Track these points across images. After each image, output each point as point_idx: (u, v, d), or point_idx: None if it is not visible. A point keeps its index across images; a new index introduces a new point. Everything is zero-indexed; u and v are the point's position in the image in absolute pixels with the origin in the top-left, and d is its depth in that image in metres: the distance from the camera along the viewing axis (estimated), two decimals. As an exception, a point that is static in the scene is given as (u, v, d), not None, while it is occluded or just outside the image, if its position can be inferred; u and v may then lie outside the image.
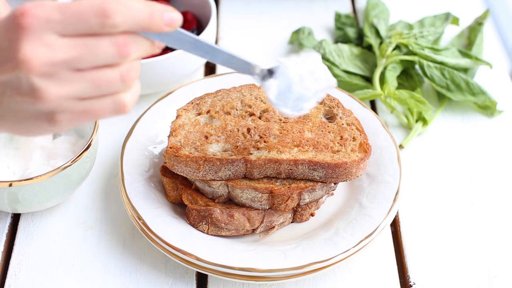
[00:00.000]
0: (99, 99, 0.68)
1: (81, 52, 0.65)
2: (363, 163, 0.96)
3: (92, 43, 0.65)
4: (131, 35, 0.67)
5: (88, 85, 0.67)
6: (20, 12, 0.64)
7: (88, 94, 0.67)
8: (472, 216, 1.06)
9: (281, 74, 0.81)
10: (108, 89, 0.68)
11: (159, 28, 0.68)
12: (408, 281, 0.97)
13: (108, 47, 0.66)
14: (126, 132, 1.14)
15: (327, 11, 1.44)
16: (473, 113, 1.22)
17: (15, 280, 0.96)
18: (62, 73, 0.65)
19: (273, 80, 0.81)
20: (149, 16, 0.66)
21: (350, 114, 1.03)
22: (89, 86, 0.67)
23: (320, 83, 0.82)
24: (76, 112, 0.68)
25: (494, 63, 1.30)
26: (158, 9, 0.67)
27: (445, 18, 1.33)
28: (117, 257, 0.99)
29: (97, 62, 0.66)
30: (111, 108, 0.69)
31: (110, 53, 0.66)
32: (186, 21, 1.25)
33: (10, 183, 0.92)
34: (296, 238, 0.98)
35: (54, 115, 0.68)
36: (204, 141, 0.97)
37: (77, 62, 0.65)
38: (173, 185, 1.00)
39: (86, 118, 0.69)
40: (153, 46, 0.70)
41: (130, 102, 0.70)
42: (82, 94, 0.67)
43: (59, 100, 0.66)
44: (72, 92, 0.66)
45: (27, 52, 0.63)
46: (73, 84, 0.66)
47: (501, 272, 0.98)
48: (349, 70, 1.24)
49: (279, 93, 0.81)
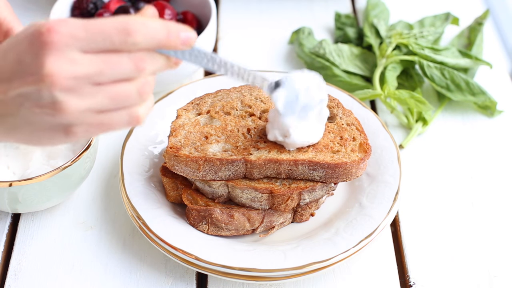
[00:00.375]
0: (116, 111, 0.71)
1: (102, 67, 0.68)
2: (363, 163, 0.96)
3: (113, 59, 0.68)
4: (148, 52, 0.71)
5: (106, 98, 0.70)
6: (46, 29, 0.66)
7: (106, 107, 0.70)
8: (472, 216, 1.06)
9: (288, 85, 0.88)
10: (125, 102, 0.71)
11: (175, 47, 0.71)
12: (408, 281, 0.97)
13: (127, 63, 0.69)
14: (126, 132, 1.14)
15: (327, 11, 1.44)
16: (473, 113, 1.22)
17: (15, 280, 0.96)
18: (83, 87, 0.68)
19: (281, 91, 0.88)
20: (166, 35, 0.70)
21: (350, 114, 1.03)
22: (107, 100, 0.70)
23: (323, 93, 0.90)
24: (93, 124, 0.71)
25: (494, 63, 1.30)
26: (175, 28, 0.71)
27: (445, 18, 1.33)
28: (117, 257, 0.99)
29: (116, 76, 0.69)
30: (126, 120, 0.72)
31: (129, 68, 0.69)
32: (186, 21, 1.25)
33: (10, 183, 0.92)
34: (296, 238, 0.98)
35: (72, 127, 0.70)
36: (204, 141, 0.97)
37: (97, 77, 0.68)
38: (173, 185, 1.00)
39: (101, 130, 0.72)
40: (169, 62, 0.73)
41: (144, 115, 0.73)
42: (101, 107, 0.70)
43: (78, 113, 0.69)
44: (92, 105, 0.69)
45: (51, 67, 0.66)
46: (93, 98, 0.69)
47: (501, 272, 0.98)
48: (349, 70, 1.24)
49: (286, 102, 0.88)
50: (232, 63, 0.79)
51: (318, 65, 1.24)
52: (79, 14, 1.24)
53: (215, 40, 1.27)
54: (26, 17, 1.40)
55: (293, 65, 1.32)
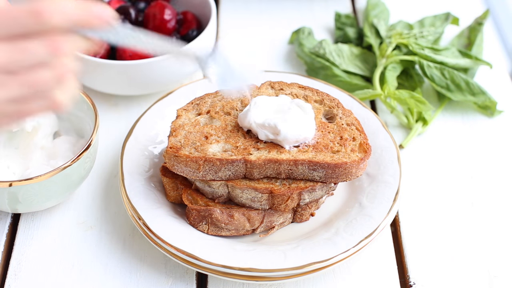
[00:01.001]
0: (33, 99, 0.68)
1: (13, 54, 0.65)
2: (363, 163, 0.96)
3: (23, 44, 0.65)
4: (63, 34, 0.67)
5: (22, 87, 0.67)
6: None
7: (22, 96, 0.67)
8: (472, 216, 1.06)
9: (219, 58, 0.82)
10: (42, 89, 0.68)
11: (92, 25, 0.68)
12: (408, 281, 0.97)
13: (39, 46, 0.66)
14: (126, 132, 1.14)
15: (327, 11, 1.44)
16: (473, 113, 1.22)
17: (15, 280, 0.96)
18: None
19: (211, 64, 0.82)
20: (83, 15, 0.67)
21: (350, 114, 1.03)
22: (24, 89, 0.67)
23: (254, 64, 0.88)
24: (11, 114, 0.69)
25: (494, 63, 1.30)
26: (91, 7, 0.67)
27: (445, 18, 1.33)
28: (117, 257, 0.99)
29: (29, 62, 0.66)
30: (46, 106, 0.69)
31: (42, 52, 0.66)
32: (186, 21, 1.25)
33: (10, 183, 0.92)
34: (296, 238, 0.98)
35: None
36: (204, 141, 0.97)
37: (10, 65, 0.65)
38: (173, 185, 1.00)
39: (21, 118, 0.70)
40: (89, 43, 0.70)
41: (65, 100, 0.70)
42: (17, 96, 0.67)
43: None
44: (7, 96, 0.67)
45: None
46: (7, 87, 0.66)
47: (501, 272, 0.98)
48: (349, 70, 1.24)
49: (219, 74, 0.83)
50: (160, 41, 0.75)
51: (318, 65, 1.24)
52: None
53: (215, 40, 1.27)
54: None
55: (293, 65, 1.32)
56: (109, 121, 1.19)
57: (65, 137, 1.05)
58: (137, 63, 1.11)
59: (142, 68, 1.12)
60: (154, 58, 1.11)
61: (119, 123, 1.18)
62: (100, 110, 1.20)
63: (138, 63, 1.11)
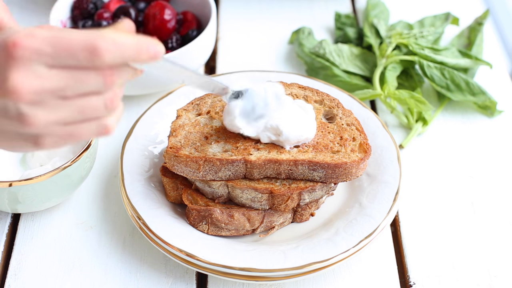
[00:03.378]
0: (84, 123, 0.71)
1: (68, 82, 0.68)
2: (363, 163, 0.96)
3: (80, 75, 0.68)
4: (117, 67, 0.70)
5: (73, 112, 0.70)
6: (12, 43, 0.66)
7: (73, 119, 0.70)
8: (472, 216, 1.06)
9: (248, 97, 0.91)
10: (92, 115, 0.71)
11: (144, 61, 0.71)
12: (408, 281, 0.97)
13: (94, 78, 0.69)
14: (126, 132, 1.14)
15: (327, 11, 1.44)
16: (473, 113, 1.22)
17: (15, 280, 0.96)
18: (49, 101, 0.68)
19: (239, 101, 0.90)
20: (136, 51, 0.69)
21: (350, 114, 1.03)
22: (74, 113, 0.70)
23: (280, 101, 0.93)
24: (61, 135, 0.71)
25: (494, 63, 1.30)
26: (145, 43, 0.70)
27: (445, 18, 1.33)
28: (117, 257, 0.99)
29: (82, 91, 0.69)
30: (95, 131, 0.73)
31: (96, 83, 0.69)
32: (186, 21, 1.25)
33: (10, 183, 0.92)
34: (296, 238, 0.98)
35: (40, 138, 0.70)
36: (204, 142, 0.97)
37: (63, 91, 0.68)
38: (173, 185, 1.00)
39: (70, 141, 0.72)
40: (136, 73, 0.73)
41: (113, 125, 0.74)
42: (68, 119, 0.70)
43: (46, 126, 0.69)
44: (58, 118, 0.69)
45: (15, 81, 0.66)
46: (59, 111, 0.69)
47: (501, 272, 0.98)
48: (349, 70, 1.24)
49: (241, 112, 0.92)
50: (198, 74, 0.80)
51: (318, 65, 1.24)
52: (79, 14, 1.24)
53: (215, 40, 1.27)
54: (26, 17, 1.40)
55: (293, 65, 1.32)
56: (109, 121, 1.18)
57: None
58: (137, 63, 1.11)
59: (142, 68, 1.12)
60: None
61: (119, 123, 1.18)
62: (100, 110, 1.20)
63: (138, 63, 1.11)
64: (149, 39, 0.71)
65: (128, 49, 0.69)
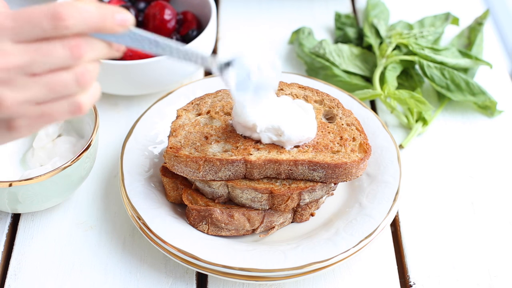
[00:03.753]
0: (56, 102, 0.69)
1: (34, 56, 0.66)
2: (363, 163, 0.96)
3: (45, 46, 0.66)
4: (84, 38, 0.68)
5: (44, 89, 0.68)
6: None
7: (44, 98, 0.68)
8: (472, 215, 1.06)
9: (239, 64, 0.82)
10: (64, 92, 0.69)
11: (111, 29, 0.69)
12: (408, 281, 0.97)
13: (61, 50, 0.67)
14: (126, 132, 1.14)
15: (327, 11, 1.44)
16: (473, 113, 1.22)
17: (15, 280, 0.96)
18: (17, 79, 0.66)
19: (231, 70, 0.81)
20: (100, 18, 0.68)
21: (350, 114, 1.03)
22: (45, 90, 0.68)
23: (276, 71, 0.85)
24: (34, 117, 0.69)
25: (494, 63, 1.30)
26: (109, 10, 0.69)
27: (445, 18, 1.33)
28: (117, 257, 0.99)
29: (51, 65, 0.67)
30: (68, 110, 0.70)
31: (63, 56, 0.67)
32: (186, 21, 1.25)
33: (10, 183, 0.92)
34: (296, 238, 0.98)
35: (12, 121, 0.69)
36: (204, 142, 0.97)
37: (31, 67, 0.66)
38: (173, 185, 1.00)
39: (44, 122, 0.70)
40: (110, 48, 0.71)
41: (87, 104, 0.71)
42: (39, 98, 0.68)
43: (16, 106, 0.67)
44: (29, 97, 0.68)
45: None
46: (29, 89, 0.67)
47: (501, 272, 0.98)
48: (349, 70, 1.24)
49: (238, 82, 0.82)
50: (176, 45, 0.75)
51: (318, 65, 1.24)
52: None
53: (215, 40, 1.27)
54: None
55: (293, 65, 1.32)
56: (109, 121, 1.19)
57: (65, 137, 1.05)
58: (137, 63, 1.11)
59: (142, 68, 1.12)
60: (154, 58, 1.11)
61: (119, 123, 1.18)
62: (100, 110, 1.20)
63: (138, 63, 1.11)
64: (115, 8, 0.69)
65: (92, 15, 0.67)
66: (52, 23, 0.65)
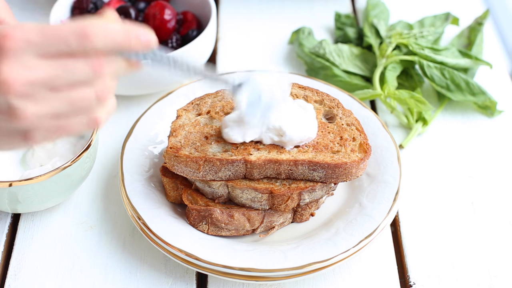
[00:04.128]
0: (74, 116, 0.71)
1: (58, 71, 0.67)
2: (363, 163, 0.96)
3: (69, 63, 0.68)
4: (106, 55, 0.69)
5: (64, 104, 0.69)
6: (1, 35, 0.66)
7: (63, 112, 0.69)
8: (472, 215, 1.06)
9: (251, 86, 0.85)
10: (83, 107, 0.70)
11: (135, 49, 0.70)
12: (408, 281, 0.97)
13: (83, 66, 0.68)
14: (126, 132, 1.14)
15: (327, 11, 1.44)
16: (473, 113, 1.22)
17: (15, 280, 0.96)
18: (39, 93, 0.67)
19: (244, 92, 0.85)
20: (125, 38, 0.69)
21: (350, 114, 1.03)
22: (65, 105, 0.69)
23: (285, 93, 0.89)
24: (51, 129, 0.70)
25: (494, 63, 1.30)
26: (134, 31, 0.70)
27: (445, 18, 1.33)
28: (117, 257, 0.99)
29: (72, 81, 0.68)
30: (85, 124, 0.72)
31: (85, 72, 0.68)
32: (186, 21, 1.25)
33: (10, 183, 0.92)
34: (296, 238, 0.98)
35: (29, 132, 0.70)
36: (204, 142, 0.97)
37: (54, 82, 0.67)
38: (173, 185, 1.00)
39: (60, 134, 0.72)
40: (129, 66, 0.72)
41: (104, 119, 0.73)
42: (58, 112, 0.69)
43: (36, 119, 0.68)
44: (49, 111, 0.69)
45: (6, 73, 0.66)
46: (50, 103, 0.68)
47: (501, 272, 0.98)
48: (349, 70, 1.24)
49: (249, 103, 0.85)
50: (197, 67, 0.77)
51: (318, 65, 1.24)
52: (79, 14, 1.24)
53: (215, 40, 1.27)
54: (26, 17, 1.40)
55: (293, 65, 1.32)
56: (109, 121, 1.19)
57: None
58: (137, 63, 1.11)
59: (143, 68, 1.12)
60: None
61: (119, 123, 1.18)
62: (100, 110, 1.20)
63: (138, 63, 1.11)
64: (140, 27, 0.70)
65: (118, 35, 0.68)
66: (79, 41, 0.67)
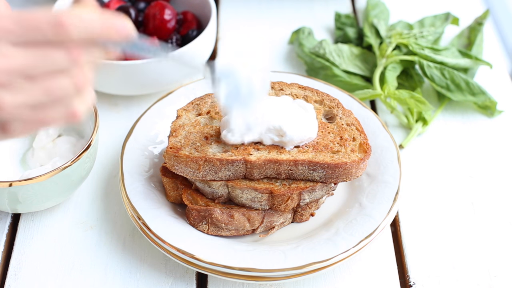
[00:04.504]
0: (52, 107, 0.70)
1: (34, 60, 0.67)
2: (363, 163, 0.96)
3: (45, 51, 0.67)
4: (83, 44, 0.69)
5: (41, 93, 0.68)
6: None
7: (41, 101, 0.69)
8: (472, 215, 1.06)
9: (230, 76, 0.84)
10: (60, 96, 0.69)
11: (111, 38, 0.69)
12: (408, 281, 0.97)
13: (60, 55, 0.67)
14: (126, 132, 1.14)
15: (327, 11, 1.44)
16: (473, 113, 1.22)
17: (15, 280, 0.97)
18: (16, 82, 0.67)
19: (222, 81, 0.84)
20: (102, 27, 0.68)
21: (350, 114, 1.03)
22: (42, 95, 0.68)
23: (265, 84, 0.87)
24: (29, 121, 0.70)
25: (494, 63, 1.30)
26: (110, 20, 0.69)
27: (445, 18, 1.33)
28: (117, 257, 0.99)
29: (49, 69, 0.68)
30: (63, 115, 0.71)
31: (62, 61, 0.68)
32: (186, 21, 1.25)
33: (10, 183, 0.92)
34: (296, 238, 0.98)
35: (7, 124, 0.69)
36: (204, 142, 0.97)
37: (30, 70, 0.67)
38: (173, 185, 1.00)
39: (38, 126, 0.71)
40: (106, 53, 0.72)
41: (82, 110, 0.72)
42: (36, 101, 0.68)
43: (13, 109, 0.68)
44: (26, 100, 0.68)
45: None
46: (26, 92, 0.67)
47: (501, 272, 0.98)
48: (349, 70, 1.24)
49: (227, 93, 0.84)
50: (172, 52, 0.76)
51: (318, 65, 1.24)
52: (79, 14, 1.23)
53: (215, 40, 1.27)
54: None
55: (293, 65, 1.32)
56: (109, 121, 1.19)
57: (65, 137, 1.05)
58: (137, 63, 1.11)
59: (142, 68, 1.12)
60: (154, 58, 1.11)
61: (119, 123, 1.18)
62: (100, 110, 1.20)
63: (138, 63, 1.11)
64: (115, 16, 0.70)
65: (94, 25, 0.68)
66: (54, 30, 0.66)
